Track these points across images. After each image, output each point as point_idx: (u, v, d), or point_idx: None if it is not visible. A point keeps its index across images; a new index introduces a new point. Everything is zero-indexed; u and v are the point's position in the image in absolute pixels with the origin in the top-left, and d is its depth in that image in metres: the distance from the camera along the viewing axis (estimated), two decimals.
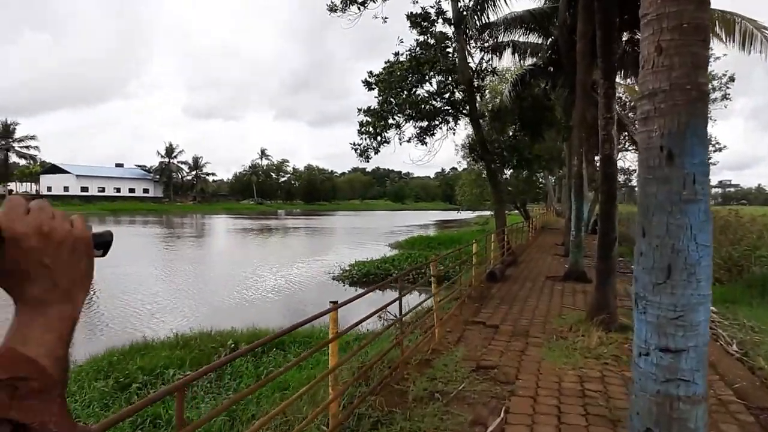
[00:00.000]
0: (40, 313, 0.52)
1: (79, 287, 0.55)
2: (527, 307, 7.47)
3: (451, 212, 54.55)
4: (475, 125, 13.40)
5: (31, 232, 0.51)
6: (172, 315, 10.29)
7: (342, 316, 3.57)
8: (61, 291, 0.53)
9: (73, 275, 0.54)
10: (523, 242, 17.76)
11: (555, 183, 40.09)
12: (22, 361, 0.49)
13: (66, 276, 0.54)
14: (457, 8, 12.38)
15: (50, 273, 0.53)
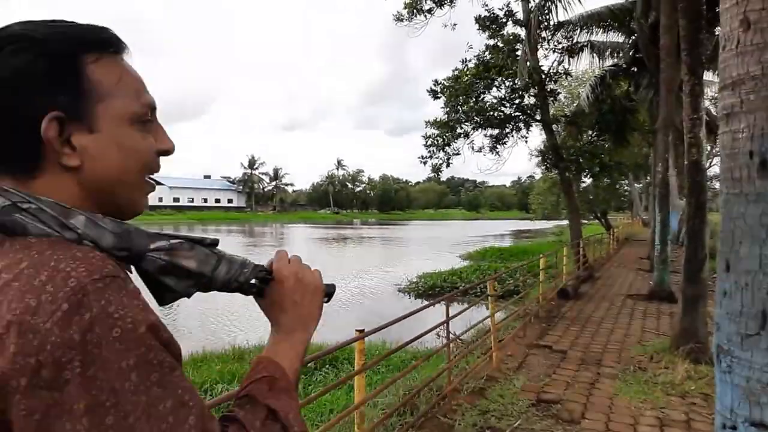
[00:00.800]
0: (287, 336, 0.72)
1: (313, 321, 0.75)
2: (602, 331, 6.75)
3: (527, 222, 52.58)
4: (547, 131, 12.65)
5: (291, 277, 0.73)
6: (244, 325, 10.51)
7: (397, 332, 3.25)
8: (302, 322, 0.74)
9: (311, 312, 0.75)
10: (602, 255, 16.53)
11: (641, 190, 37.45)
12: (277, 367, 0.68)
13: (307, 312, 0.74)
14: (527, 8, 11.77)
15: (298, 308, 0.73)
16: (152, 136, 0.66)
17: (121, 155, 0.62)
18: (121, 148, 0.62)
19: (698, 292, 5.43)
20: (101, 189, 0.62)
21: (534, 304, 7.89)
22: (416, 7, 12.68)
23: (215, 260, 0.66)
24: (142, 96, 0.65)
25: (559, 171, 12.53)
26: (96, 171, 0.61)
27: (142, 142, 0.64)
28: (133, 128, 0.63)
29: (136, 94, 0.64)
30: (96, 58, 0.61)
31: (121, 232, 0.60)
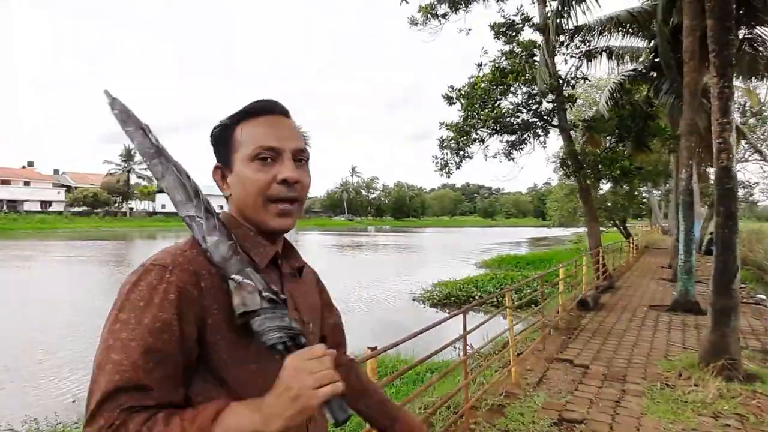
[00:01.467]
0: (253, 409, 0.75)
1: (276, 419, 0.73)
2: (624, 344, 6.48)
3: (544, 229, 52.01)
4: (566, 137, 12.40)
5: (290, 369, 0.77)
6: None
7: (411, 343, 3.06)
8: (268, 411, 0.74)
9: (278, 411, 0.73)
10: (622, 264, 16.16)
11: (661, 198, 36.79)
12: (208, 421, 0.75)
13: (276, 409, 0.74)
14: (544, 13, 11.58)
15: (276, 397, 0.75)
16: (275, 170, 0.92)
17: (241, 184, 0.93)
18: (241, 180, 0.93)
19: (729, 305, 5.15)
20: (240, 209, 0.96)
21: (553, 315, 7.64)
22: (431, 11, 12.56)
23: (258, 311, 0.81)
24: (260, 141, 0.92)
25: (578, 178, 12.26)
26: (234, 196, 0.96)
27: (256, 173, 0.91)
28: (252, 165, 0.92)
29: (257, 140, 0.92)
30: (243, 123, 0.95)
31: (224, 258, 0.85)
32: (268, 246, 0.95)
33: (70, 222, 59.12)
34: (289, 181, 0.91)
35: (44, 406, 6.28)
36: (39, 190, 70.22)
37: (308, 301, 1.03)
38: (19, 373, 7.70)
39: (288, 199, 0.92)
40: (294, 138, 0.94)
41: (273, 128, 0.93)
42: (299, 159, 0.94)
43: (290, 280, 0.99)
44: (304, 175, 0.95)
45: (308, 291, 1.06)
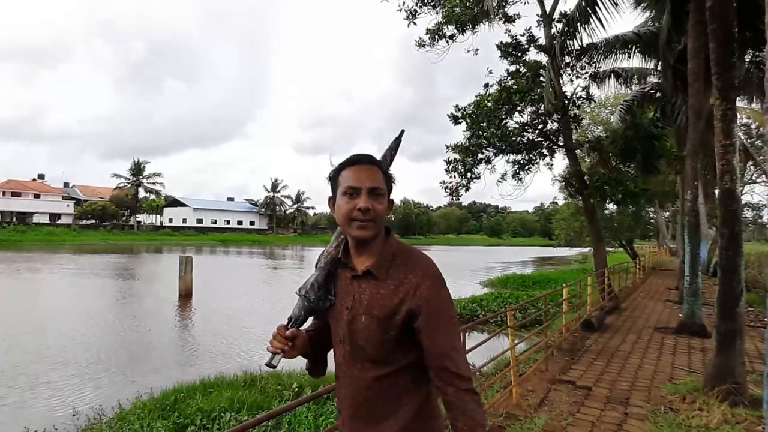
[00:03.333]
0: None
1: None
2: (629, 366, 6.40)
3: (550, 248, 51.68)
4: (571, 157, 12.41)
5: None
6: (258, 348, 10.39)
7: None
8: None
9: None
10: (628, 285, 16.01)
11: (668, 219, 36.57)
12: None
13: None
14: (550, 34, 11.68)
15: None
16: (355, 201, 1.34)
17: (338, 210, 1.38)
18: (338, 207, 1.38)
19: (734, 328, 5.08)
20: (340, 225, 1.42)
21: (557, 335, 7.57)
22: (438, 33, 12.71)
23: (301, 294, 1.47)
24: (348, 182, 1.36)
25: (583, 198, 12.23)
26: (336, 217, 1.40)
27: (345, 204, 1.35)
28: (343, 198, 1.36)
29: (346, 182, 1.36)
30: (343, 171, 1.39)
31: (319, 268, 1.47)
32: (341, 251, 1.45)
33: (78, 235, 59.50)
34: (362, 209, 1.33)
35: (43, 417, 6.27)
36: (48, 203, 70.87)
37: (370, 297, 1.35)
38: (19, 384, 7.69)
39: (364, 220, 1.33)
40: (370, 179, 1.35)
41: (357, 173, 1.36)
42: (375, 193, 1.35)
43: (362, 278, 1.38)
44: (377, 204, 1.35)
45: (378, 291, 1.34)
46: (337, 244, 1.46)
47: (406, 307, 1.31)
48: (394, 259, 1.37)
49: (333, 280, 1.44)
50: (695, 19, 8.33)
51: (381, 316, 1.32)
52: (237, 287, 20.63)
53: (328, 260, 1.45)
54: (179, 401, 5.81)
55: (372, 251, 1.39)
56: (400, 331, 1.32)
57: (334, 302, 1.42)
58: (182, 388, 6.35)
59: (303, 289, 1.44)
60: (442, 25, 12.62)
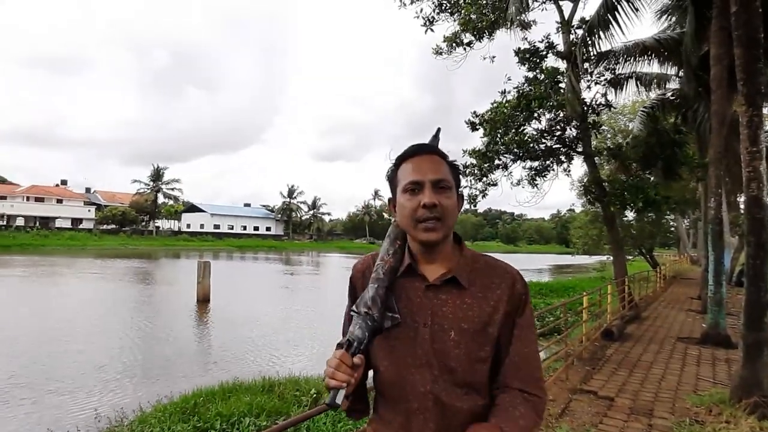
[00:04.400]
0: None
1: None
2: (651, 377, 6.28)
3: (567, 256, 51.21)
4: (590, 164, 12.30)
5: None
6: (284, 351, 10.46)
7: None
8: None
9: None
10: (649, 293, 15.75)
11: (689, 226, 35.95)
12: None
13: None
14: (568, 40, 11.63)
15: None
16: (419, 197, 1.17)
17: (400, 210, 1.22)
18: (399, 207, 1.22)
19: (762, 339, 4.96)
20: (403, 228, 1.24)
21: (577, 344, 7.47)
22: (455, 40, 12.74)
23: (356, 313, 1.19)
24: (409, 177, 1.19)
25: (602, 205, 12.09)
26: (399, 220, 1.24)
27: (407, 202, 1.19)
28: (404, 195, 1.20)
29: (406, 177, 1.20)
30: (403, 163, 1.24)
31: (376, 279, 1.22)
32: (408, 260, 1.24)
33: (99, 239, 60.52)
34: (428, 204, 1.15)
35: (65, 419, 6.36)
36: (71, 208, 72.30)
37: (456, 309, 1.18)
38: (41, 386, 7.83)
39: (431, 218, 1.16)
40: (433, 171, 1.19)
41: (417, 165, 1.20)
42: (440, 186, 1.18)
43: (440, 289, 1.20)
44: (444, 198, 1.18)
45: (464, 301, 1.18)
46: (394, 251, 1.25)
47: (501, 314, 1.17)
48: (473, 264, 1.23)
49: (393, 293, 1.23)
50: (718, 25, 8.22)
51: (473, 329, 1.16)
52: (254, 293, 20.78)
53: (387, 271, 1.22)
54: (199, 405, 5.85)
55: (445, 257, 1.23)
56: (494, 347, 1.17)
57: (400, 320, 1.20)
58: (202, 392, 6.39)
59: (362, 306, 1.18)
60: (459, 33, 12.66)
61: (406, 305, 1.20)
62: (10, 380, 8.07)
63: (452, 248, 1.25)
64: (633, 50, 11.99)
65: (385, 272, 1.21)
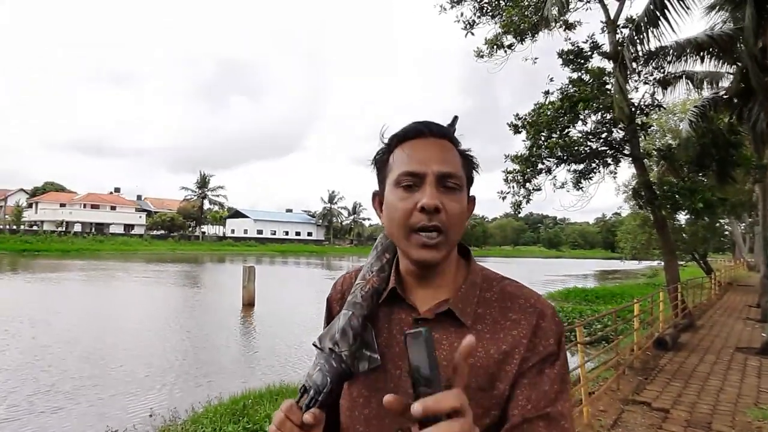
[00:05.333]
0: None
1: None
2: (709, 388, 6.02)
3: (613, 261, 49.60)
4: (638, 166, 11.91)
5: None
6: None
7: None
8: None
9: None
10: (703, 301, 15.08)
11: (745, 230, 34.20)
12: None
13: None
14: (614, 40, 11.33)
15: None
16: (417, 196, 0.82)
17: (387, 212, 0.87)
18: (387, 207, 0.87)
19: None
20: (391, 237, 0.90)
21: (628, 353, 7.24)
22: (496, 43, 12.63)
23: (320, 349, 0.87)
24: (404, 165, 0.85)
25: (653, 209, 11.68)
26: (385, 225, 0.89)
27: (399, 201, 0.84)
28: (397, 191, 0.85)
29: (401, 165, 0.85)
30: (398, 147, 0.88)
31: (352, 305, 0.89)
32: (393, 282, 0.91)
33: (149, 245, 63.00)
34: (427, 208, 0.80)
35: (122, 417, 6.66)
36: (123, 215, 75.69)
37: (447, 357, 0.81)
38: (99, 384, 8.22)
39: (430, 228, 0.81)
40: (440, 161, 0.83)
41: (419, 152, 0.84)
42: (447, 185, 0.83)
43: (433, 324, 0.84)
44: (450, 201, 0.83)
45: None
46: (380, 267, 0.92)
47: (516, 365, 0.81)
48: (482, 292, 0.88)
49: (373, 325, 0.89)
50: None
51: (475, 384, 0.80)
52: (297, 297, 21.12)
53: (367, 294, 0.89)
54: (248, 407, 6.00)
55: (445, 279, 0.89)
56: (504, 408, 0.81)
57: (380, 363, 0.85)
58: (250, 394, 6.56)
59: (327, 340, 0.85)
60: (500, 35, 12.55)
61: (387, 344, 0.87)
62: (73, 380, 8.50)
63: (456, 267, 0.91)
64: (684, 48, 11.56)
65: (365, 296, 0.89)
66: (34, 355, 9.94)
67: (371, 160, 0.95)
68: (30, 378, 8.46)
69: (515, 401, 0.80)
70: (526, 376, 0.81)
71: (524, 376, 0.81)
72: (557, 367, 0.82)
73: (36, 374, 8.69)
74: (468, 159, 0.90)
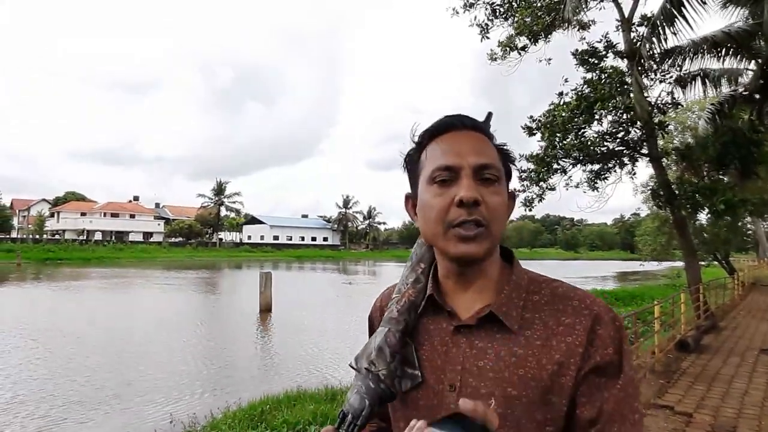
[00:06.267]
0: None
1: None
2: (733, 391, 5.89)
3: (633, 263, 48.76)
4: (656, 166, 11.73)
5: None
6: (345, 360, 10.59)
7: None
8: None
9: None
10: (726, 302, 14.77)
11: None
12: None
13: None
14: (629, 39, 11.21)
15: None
16: (453, 191, 0.79)
17: (422, 211, 0.83)
18: (422, 206, 0.83)
19: None
20: (428, 240, 0.86)
21: (649, 356, 7.12)
22: (509, 45, 12.59)
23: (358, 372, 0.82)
24: (438, 160, 0.81)
25: (672, 209, 11.49)
26: (421, 226, 0.85)
27: (435, 198, 0.80)
28: (431, 188, 0.81)
29: (435, 161, 0.82)
30: (429, 145, 0.85)
31: (389, 321, 0.85)
32: (430, 289, 0.86)
33: (168, 252, 63.85)
34: (465, 201, 0.77)
35: (142, 423, 6.75)
36: (142, 223, 76.87)
37: (500, 363, 0.77)
38: (121, 390, 8.34)
39: (470, 222, 0.77)
40: (476, 152, 0.80)
41: (453, 145, 0.81)
42: (485, 177, 0.80)
43: (476, 331, 0.80)
44: (489, 194, 0.79)
45: (512, 350, 0.78)
46: (415, 279, 0.88)
47: (572, 375, 0.75)
48: (529, 295, 0.83)
49: (413, 339, 0.85)
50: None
51: (526, 396, 0.75)
52: (314, 302, 21.19)
53: (403, 307, 0.85)
54: (266, 412, 6.04)
55: (487, 283, 0.84)
56: (563, 420, 0.76)
57: (422, 379, 0.82)
58: (268, 399, 6.60)
59: (363, 360, 0.81)
60: (513, 37, 12.51)
61: (428, 357, 0.83)
62: (96, 386, 8.64)
63: (499, 269, 0.86)
64: (700, 45, 11.39)
65: (401, 310, 0.85)
66: (62, 365, 10.10)
67: (402, 161, 0.90)
68: (58, 387, 8.61)
69: (580, 423, 0.75)
70: (585, 393, 0.75)
71: (584, 393, 0.75)
72: (622, 380, 0.74)
73: (64, 384, 8.82)
74: (504, 153, 0.86)
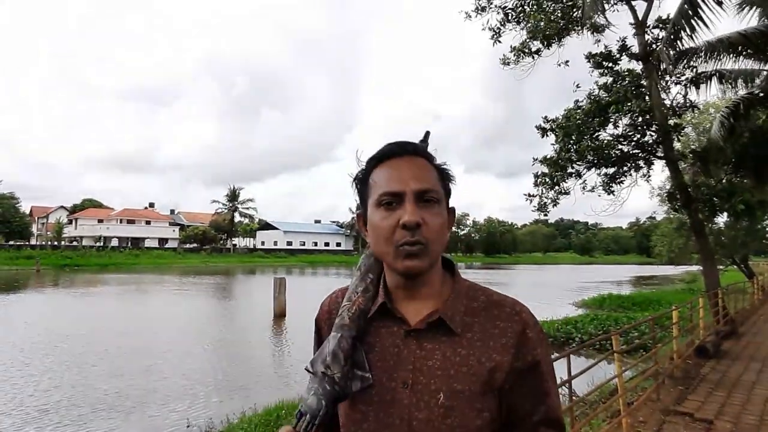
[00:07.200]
0: None
1: None
2: (755, 398, 5.78)
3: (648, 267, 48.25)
4: (672, 168, 11.59)
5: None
6: None
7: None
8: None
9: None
10: (746, 307, 14.51)
11: None
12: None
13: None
14: (644, 41, 11.12)
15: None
16: (398, 214, 0.88)
17: (373, 232, 0.92)
18: (372, 227, 0.92)
19: None
20: (378, 256, 0.96)
21: (667, 362, 7.02)
22: (522, 50, 12.56)
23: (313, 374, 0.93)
24: (384, 186, 0.90)
25: (689, 212, 11.34)
26: (371, 244, 0.94)
27: (382, 220, 0.90)
28: (379, 211, 0.91)
29: (381, 185, 0.91)
30: (376, 168, 0.94)
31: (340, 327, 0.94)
32: (382, 297, 0.95)
33: (183, 258, 64.44)
34: (407, 225, 0.86)
35: (159, 429, 6.80)
36: (158, 229, 77.76)
37: (446, 363, 0.88)
38: (138, 395, 8.43)
39: (413, 242, 0.87)
40: (417, 178, 0.89)
41: (396, 171, 0.91)
42: (426, 199, 0.89)
43: (424, 335, 0.91)
44: (430, 216, 0.88)
45: (457, 351, 0.89)
46: (364, 288, 0.97)
47: (506, 371, 0.88)
48: (469, 301, 0.94)
49: (364, 342, 0.94)
50: None
51: (469, 390, 0.86)
52: None
53: (354, 315, 0.94)
54: (281, 418, 6.07)
55: (432, 291, 0.94)
56: (497, 410, 0.89)
57: (371, 381, 0.90)
58: (283, 404, 6.64)
59: (319, 364, 0.91)
60: (527, 42, 12.47)
61: (380, 359, 0.91)
62: (115, 392, 8.74)
63: (442, 279, 0.96)
64: (716, 47, 11.26)
65: (352, 317, 0.93)
66: (82, 370, 10.23)
67: (352, 182, 1.00)
68: (79, 392, 8.73)
69: (517, 409, 0.90)
70: (519, 384, 0.89)
71: (518, 384, 0.89)
72: (544, 368, 0.92)
73: (85, 389, 8.93)
74: (443, 172, 0.97)
